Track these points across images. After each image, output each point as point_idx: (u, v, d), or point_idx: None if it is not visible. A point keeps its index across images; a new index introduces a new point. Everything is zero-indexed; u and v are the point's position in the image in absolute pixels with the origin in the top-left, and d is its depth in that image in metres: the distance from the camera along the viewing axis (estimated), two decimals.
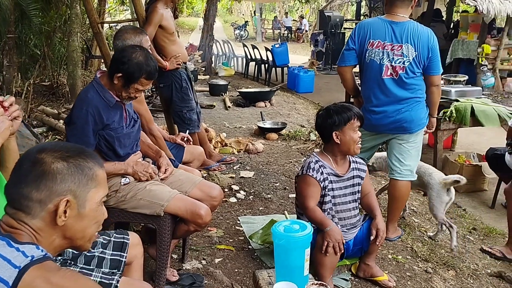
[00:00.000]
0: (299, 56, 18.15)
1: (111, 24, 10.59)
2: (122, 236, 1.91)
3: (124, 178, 2.35)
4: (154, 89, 4.37)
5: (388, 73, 3.00)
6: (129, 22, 5.34)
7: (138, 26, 3.96)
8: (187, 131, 3.62)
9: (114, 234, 1.91)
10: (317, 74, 11.21)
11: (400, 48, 2.95)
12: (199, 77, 9.79)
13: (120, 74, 2.24)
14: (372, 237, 2.52)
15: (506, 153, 4.17)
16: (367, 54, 3.04)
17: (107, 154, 2.33)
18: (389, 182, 3.29)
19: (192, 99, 4.16)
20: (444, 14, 11.86)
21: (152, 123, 3.09)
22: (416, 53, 2.94)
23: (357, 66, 3.20)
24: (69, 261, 1.72)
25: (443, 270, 2.97)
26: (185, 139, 3.22)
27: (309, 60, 13.63)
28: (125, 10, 18.37)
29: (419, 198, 4.31)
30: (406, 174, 3.16)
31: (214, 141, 5.16)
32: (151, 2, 3.92)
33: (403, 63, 2.96)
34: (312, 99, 9.04)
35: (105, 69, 3.31)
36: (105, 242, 1.85)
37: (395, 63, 2.97)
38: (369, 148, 3.33)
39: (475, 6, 8.12)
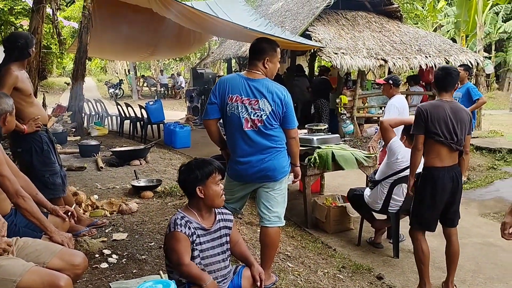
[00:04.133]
0: (177, 111, 18.30)
1: None
2: None
3: None
4: (12, 155, 4.03)
5: (249, 126, 3.16)
6: None
7: None
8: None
9: None
10: (193, 129, 11.37)
11: (256, 102, 3.14)
12: (69, 138, 9.30)
13: None
14: (258, 283, 2.57)
15: (367, 189, 4.57)
16: (227, 108, 3.19)
17: None
18: (260, 230, 3.39)
19: (55, 162, 3.94)
20: (306, 69, 12.97)
21: (16, 184, 2.75)
22: (272, 107, 3.14)
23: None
24: None
25: None
26: (69, 213, 2.98)
27: (186, 115, 13.82)
28: None
29: (293, 243, 4.49)
30: (275, 220, 3.29)
31: (84, 205, 4.89)
32: (4, 64, 3.72)
33: (261, 116, 3.14)
34: (189, 153, 9.08)
35: None
36: None
37: (253, 116, 3.14)
38: (240, 198, 3.44)
39: (331, 61, 9.02)
